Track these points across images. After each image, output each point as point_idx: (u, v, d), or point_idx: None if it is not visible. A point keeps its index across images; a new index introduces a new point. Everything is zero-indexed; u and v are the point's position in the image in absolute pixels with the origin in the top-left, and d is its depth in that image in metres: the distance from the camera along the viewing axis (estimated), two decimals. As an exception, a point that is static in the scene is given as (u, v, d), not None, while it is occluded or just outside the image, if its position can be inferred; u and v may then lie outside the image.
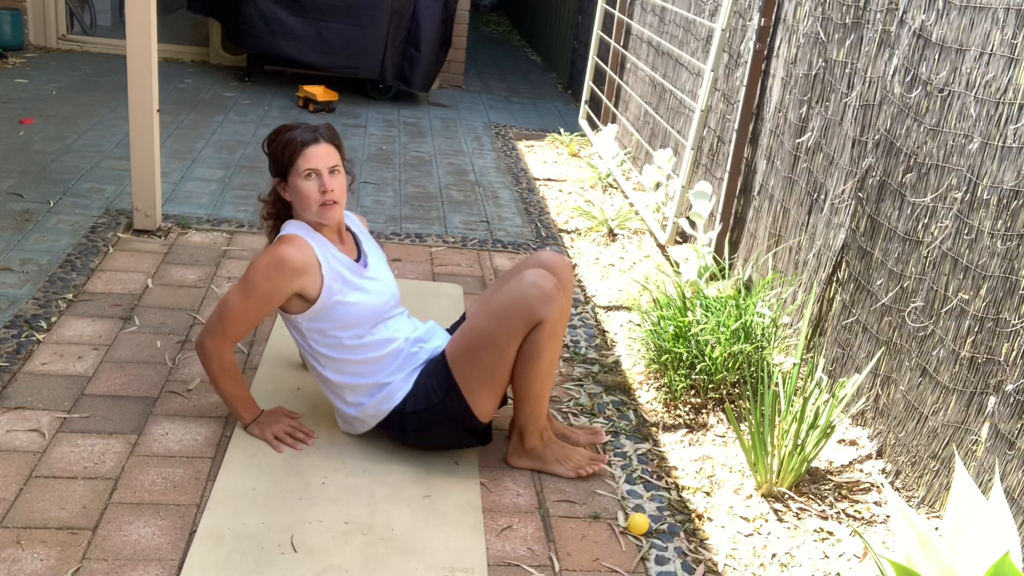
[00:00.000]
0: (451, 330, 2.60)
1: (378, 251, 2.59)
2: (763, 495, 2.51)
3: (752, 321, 2.98)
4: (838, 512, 2.47)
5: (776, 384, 2.86)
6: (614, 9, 6.02)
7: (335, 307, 2.34)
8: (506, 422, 2.69)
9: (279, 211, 2.49)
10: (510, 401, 2.81)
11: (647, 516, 2.32)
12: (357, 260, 2.46)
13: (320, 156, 2.33)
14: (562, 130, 6.50)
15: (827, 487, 2.57)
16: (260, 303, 2.30)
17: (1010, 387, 2.15)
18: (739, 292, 3.19)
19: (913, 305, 2.56)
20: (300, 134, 2.34)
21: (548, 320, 2.26)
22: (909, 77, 2.65)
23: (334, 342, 2.37)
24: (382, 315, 2.42)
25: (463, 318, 2.59)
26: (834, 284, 3.03)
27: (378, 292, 2.42)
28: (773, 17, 3.66)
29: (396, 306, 2.50)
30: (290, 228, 2.38)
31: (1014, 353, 2.15)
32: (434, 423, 2.37)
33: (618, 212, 4.63)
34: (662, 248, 4.33)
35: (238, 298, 2.30)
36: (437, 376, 2.36)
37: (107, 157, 4.65)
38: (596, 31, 6.05)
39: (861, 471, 2.65)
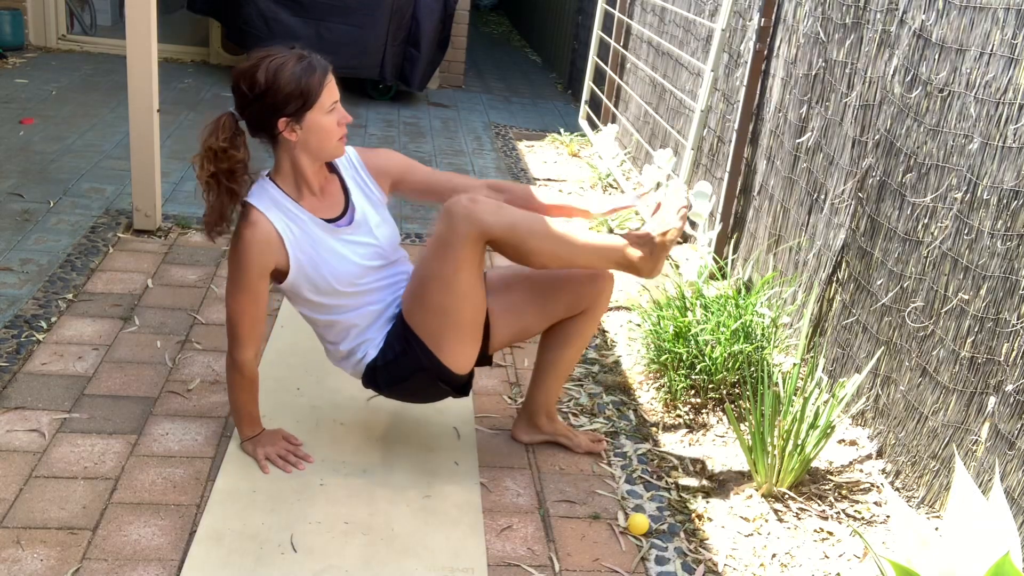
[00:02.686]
0: None
1: (373, 194, 2.35)
2: (763, 495, 2.51)
3: (752, 321, 2.98)
4: (838, 512, 2.47)
5: (776, 384, 2.87)
6: (614, 9, 6.03)
7: (307, 275, 2.21)
8: (506, 422, 2.70)
9: (236, 173, 2.19)
10: (514, 401, 2.81)
11: (647, 516, 2.32)
12: (341, 215, 2.26)
13: (335, 84, 2.16)
14: (562, 130, 6.50)
15: (827, 487, 2.57)
16: (250, 293, 2.18)
17: (1010, 387, 2.15)
18: (739, 292, 3.19)
19: (913, 305, 2.57)
20: (312, 63, 2.11)
21: (491, 224, 2.07)
22: (909, 77, 2.65)
23: (314, 302, 2.26)
24: (366, 273, 2.25)
25: None
26: (834, 284, 3.03)
27: (362, 248, 2.25)
28: (773, 17, 3.66)
29: (388, 256, 2.32)
30: (252, 199, 2.17)
31: (1014, 353, 2.15)
32: (403, 375, 2.26)
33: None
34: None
35: (230, 299, 2.22)
36: (395, 328, 2.26)
37: (107, 157, 4.65)
38: (596, 31, 6.05)
39: (861, 471, 2.66)
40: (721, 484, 2.56)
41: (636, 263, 2.28)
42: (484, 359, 2.39)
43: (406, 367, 2.26)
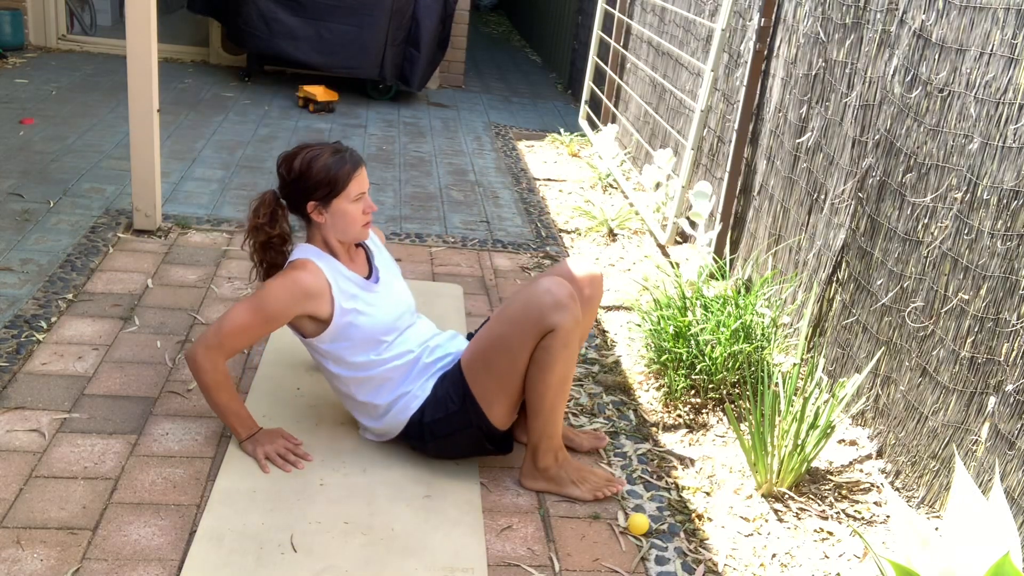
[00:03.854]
0: (471, 336, 2.59)
1: (391, 264, 2.59)
2: (763, 495, 2.51)
3: (752, 321, 2.98)
4: (838, 512, 2.47)
5: (776, 384, 2.86)
6: (614, 9, 6.02)
7: (348, 326, 2.34)
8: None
9: (274, 245, 2.45)
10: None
11: (647, 516, 2.32)
12: (368, 276, 2.46)
13: (365, 177, 2.39)
14: (562, 130, 6.50)
15: (827, 487, 2.57)
16: (265, 322, 2.29)
17: (1010, 387, 2.15)
18: (739, 292, 3.19)
19: (913, 305, 2.57)
20: (344, 158, 2.34)
21: (560, 328, 2.23)
22: (909, 77, 2.65)
23: (351, 361, 2.37)
24: (396, 328, 2.42)
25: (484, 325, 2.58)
26: (834, 284, 3.03)
27: (390, 306, 2.42)
28: (773, 17, 3.66)
29: (411, 317, 2.50)
30: (302, 253, 2.38)
31: (1014, 353, 2.15)
32: (454, 431, 2.36)
33: (618, 212, 4.63)
34: (662, 248, 4.33)
35: (245, 315, 2.28)
36: (453, 383, 2.36)
37: (107, 157, 4.65)
38: (596, 31, 6.05)
39: (861, 471, 2.66)
40: (721, 484, 2.56)
41: (543, 460, 2.38)
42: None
43: (457, 422, 2.34)
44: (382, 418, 2.42)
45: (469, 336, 2.60)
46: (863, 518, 2.46)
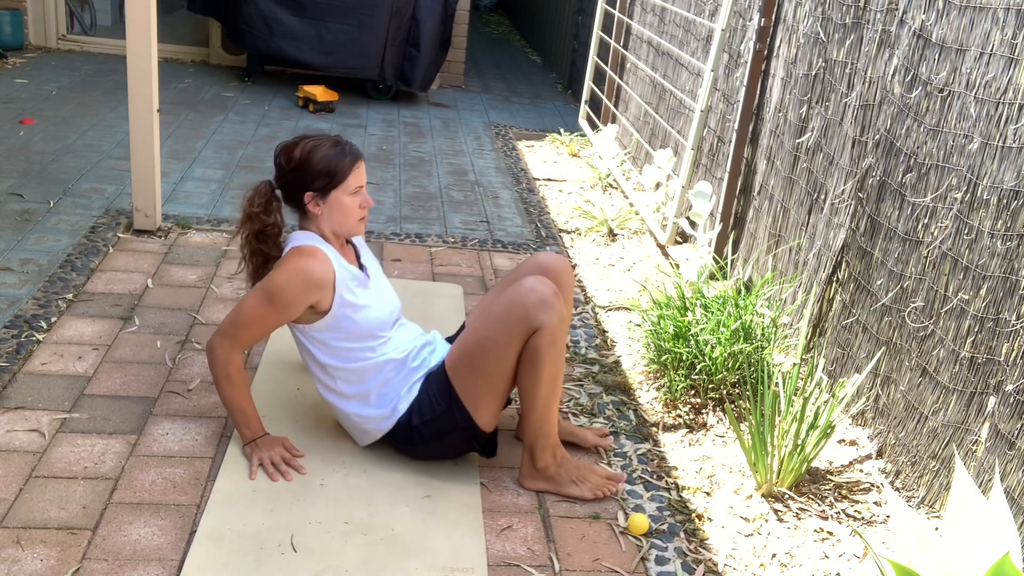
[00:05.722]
0: (452, 339, 2.59)
1: (376, 265, 2.58)
2: (763, 495, 2.51)
3: (752, 321, 2.98)
4: (838, 512, 2.47)
5: (776, 384, 2.86)
6: (614, 9, 6.03)
7: (343, 318, 2.33)
8: (506, 422, 2.70)
9: (268, 235, 2.44)
10: (514, 404, 2.81)
11: (647, 516, 2.32)
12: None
13: (364, 171, 2.38)
14: (562, 130, 6.50)
15: (827, 487, 2.57)
16: (279, 312, 2.27)
17: (1010, 387, 2.15)
18: (739, 292, 3.19)
19: (913, 305, 2.57)
20: (345, 150, 2.33)
21: (547, 326, 2.23)
22: (909, 77, 2.65)
23: (340, 353, 2.36)
24: (385, 327, 2.41)
25: (463, 328, 2.58)
26: (834, 284, 3.03)
27: (381, 304, 2.42)
28: (773, 17, 3.66)
29: (399, 318, 2.51)
30: (303, 239, 2.35)
31: (1014, 353, 2.15)
32: (440, 433, 2.35)
33: (618, 212, 4.63)
34: (662, 248, 4.33)
35: (257, 305, 2.27)
36: (439, 385, 2.35)
37: (107, 157, 4.65)
38: (596, 31, 6.05)
39: (861, 471, 2.66)
40: (721, 484, 2.56)
41: (541, 460, 2.38)
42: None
43: (443, 426, 2.34)
44: (367, 418, 2.39)
45: (451, 339, 2.60)
46: (863, 518, 2.46)
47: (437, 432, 2.35)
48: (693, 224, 4.18)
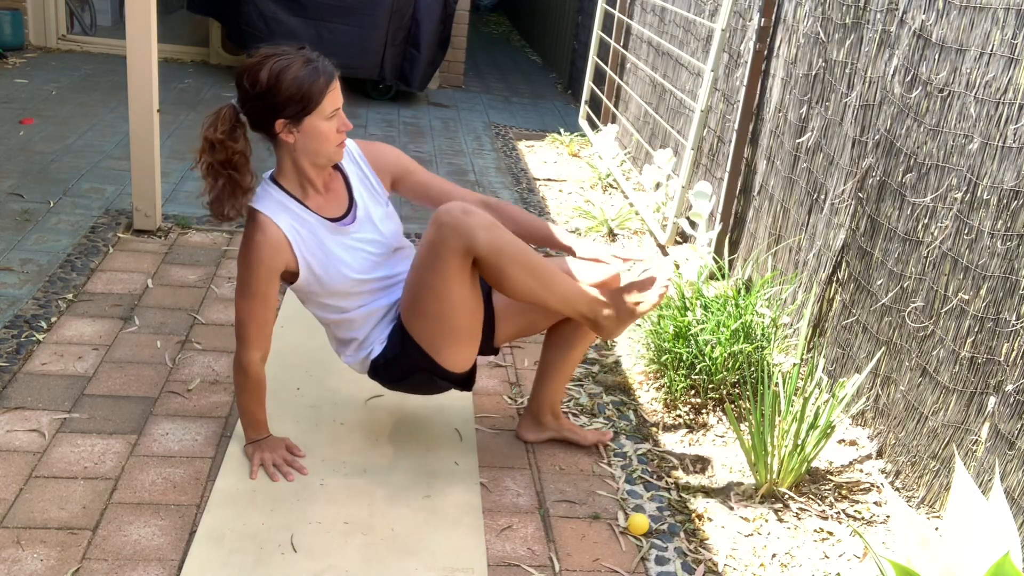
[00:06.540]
0: None
1: (375, 188, 2.35)
2: (763, 495, 2.51)
3: (752, 321, 2.98)
4: (838, 512, 2.47)
5: (776, 384, 2.86)
6: (614, 9, 6.03)
7: (316, 278, 2.23)
8: (506, 422, 2.70)
9: (235, 164, 2.18)
10: (515, 404, 2.81)
11: (647, 516, 2.32)
12: (345, 214, 2.27)
13: (340, 91, 2.16)
14: (562, 130, 6.50)
15: (827, 487, 2.57)
16: (258, 297, 2.19)
17: (1010, 387, 2.15)
18: (739, 292, 3.19)
19: (913, 305, 2.57)
20: (318, 68, 2.10)
21: (477, 241, 2.04)
22: (909, 77, 2.65)
23: (324, 305, 2.30)
24: (372, 269, 2.28)
25: None
26: (834, 284, 3.03)
27: (368, 244, 2.27)
28: (773, 17, 3.66)
29: (392, 252, 2.33)
30: (259, 203, 2.18)
31: (1014, 353, 2.15)
32: (404, 374, 2.30)
33: (618, 212, 4.63)
34: (662, 248, 4.33)
35: (240, 302, 2.23)
36: (396, 329, 2.29)
37: (107, 157, 4.65)
38: (596, 31, 6.05)
39: (861, 471, 2.66)
40: (721, 484, 2.56)
41: (601, 322, 2.27)
42: (490, 350, 2.41)
43: (405, 367, 2.29)
44: (353, 356, 2.37)
45: None
46: (863, 518, 2.46)
47: (400, 373, 2.29)
48: (693, 224, 4.18)
